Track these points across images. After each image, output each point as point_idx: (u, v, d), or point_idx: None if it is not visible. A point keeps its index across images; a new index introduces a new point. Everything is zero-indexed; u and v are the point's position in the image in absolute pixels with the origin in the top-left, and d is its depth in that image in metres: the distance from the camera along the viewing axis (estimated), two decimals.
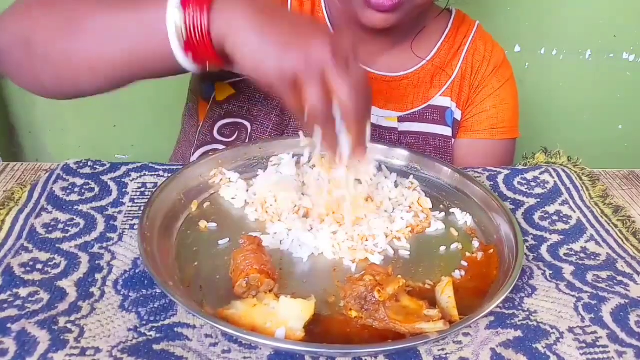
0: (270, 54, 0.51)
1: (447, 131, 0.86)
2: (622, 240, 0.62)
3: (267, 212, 0.62)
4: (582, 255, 0.60)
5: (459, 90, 0.86)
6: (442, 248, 0.60)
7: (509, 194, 0.71)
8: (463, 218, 0.65)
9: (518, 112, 0.90)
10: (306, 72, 0.51)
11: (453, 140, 0.87)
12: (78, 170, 0.67)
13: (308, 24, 0.54)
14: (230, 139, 0.81)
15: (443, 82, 0.85)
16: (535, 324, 0.49)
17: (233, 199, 0.64)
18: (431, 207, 0.66)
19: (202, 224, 0.60)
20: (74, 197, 0.62)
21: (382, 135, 0.83)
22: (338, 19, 0.81)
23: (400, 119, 0.85)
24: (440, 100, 0.86)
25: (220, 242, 0.58)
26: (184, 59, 0.54)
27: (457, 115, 0.86)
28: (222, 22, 0.52)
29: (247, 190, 0.65)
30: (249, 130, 0.80)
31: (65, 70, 0.59)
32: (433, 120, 0.85)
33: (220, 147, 0.80)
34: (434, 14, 0.86)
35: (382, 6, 0.69)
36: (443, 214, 0.66)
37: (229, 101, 0.82)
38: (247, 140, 0.80)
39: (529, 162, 0.78)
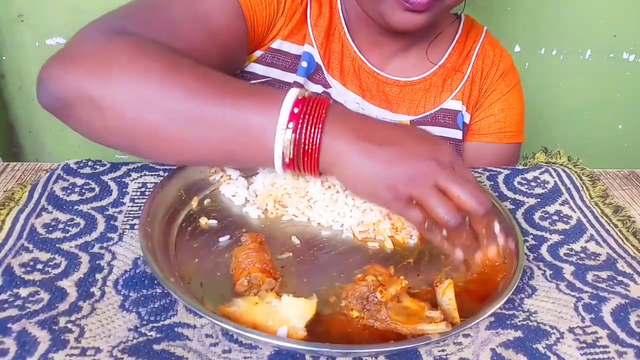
0: (380, 178, 0.51)
1: (458, 134, 0.87)
2: (622, 240, 0.62)
3: (282, 205, 0.63)
4: (582, 255, 0.60)
5: (469, 93, 0.86)
6: None
7: (509, 194, 0.71)
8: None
9: (524, 117, 0.91)
10: (420, 188, 0.51)
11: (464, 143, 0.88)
12: (78, 170, 0.67)
13: (411, 138, 0.54)
14: None
15: (454, 86, 0.86)
16: (535, 324, 0.49)
17: (233, 196, 0.64)
18: None
19: (203, 220, 0.60)
20: (74, 197, 0.62)
21: None
22: (354, 19, 0.81)
23: (413, 123, 0.85)
24: (452, 103, 0.86)
25: (220, 239, 0.58)
26: (281, 171, 0.53)
27: (466, 118, 0.87)
28: (331, 145, 0.51)
29: (248, 188, 0.65)
30: None
31: (140, 145, 0.54)
32: (445, 123, 0.86)
33: None
34: (450, 20, 0.87)
35: (420, 5, 0.68)
36: None
37: None
38: None
39: (529, 162, 0.79)
